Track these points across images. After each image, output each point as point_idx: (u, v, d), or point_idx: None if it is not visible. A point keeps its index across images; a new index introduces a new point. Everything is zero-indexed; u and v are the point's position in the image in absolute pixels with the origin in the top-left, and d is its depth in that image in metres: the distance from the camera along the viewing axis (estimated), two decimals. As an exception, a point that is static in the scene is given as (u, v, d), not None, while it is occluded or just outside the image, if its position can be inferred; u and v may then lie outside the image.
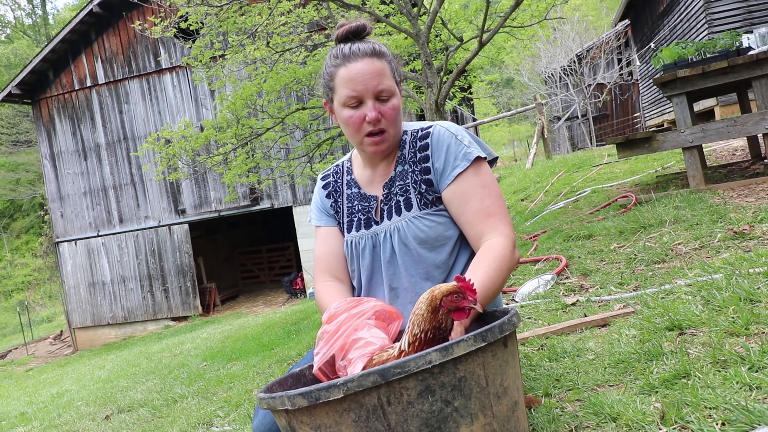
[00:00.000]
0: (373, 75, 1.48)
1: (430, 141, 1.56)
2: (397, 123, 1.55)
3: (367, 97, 1.49)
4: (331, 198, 1.70)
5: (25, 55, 31.98)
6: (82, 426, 3.83)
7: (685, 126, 4.02)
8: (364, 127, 1.50)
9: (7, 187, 28.46)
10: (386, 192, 1.60)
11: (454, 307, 1.17)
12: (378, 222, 1.60)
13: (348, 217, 1.66)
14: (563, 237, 3.77)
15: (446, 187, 1.52)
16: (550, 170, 8.91)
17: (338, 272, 1.68)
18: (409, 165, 1.58)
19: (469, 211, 1.50)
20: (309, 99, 7.35)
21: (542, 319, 2.37)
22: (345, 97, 1.49)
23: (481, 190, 1.50)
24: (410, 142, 1.60)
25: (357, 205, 1.65)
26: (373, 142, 1.52)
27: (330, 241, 1.69)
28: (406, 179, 1.57)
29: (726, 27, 9.17)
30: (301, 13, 6.85)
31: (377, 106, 1.49)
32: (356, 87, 1.48)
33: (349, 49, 1.51)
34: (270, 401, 1.12)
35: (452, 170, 1.51)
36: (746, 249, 2.39)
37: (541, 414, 1.47)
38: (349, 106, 1.50)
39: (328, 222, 1.70)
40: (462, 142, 1.54)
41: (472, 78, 12.79)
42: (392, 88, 1.52)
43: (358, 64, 1.48)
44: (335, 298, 1.57)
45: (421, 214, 1.54)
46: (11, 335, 21.44)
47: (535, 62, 22.70)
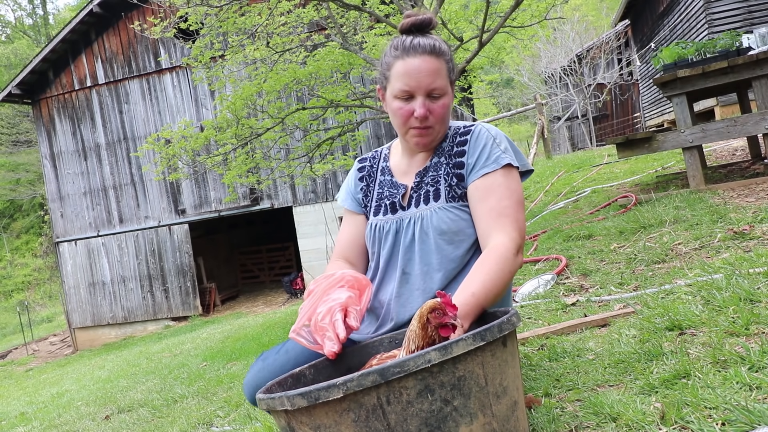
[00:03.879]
0: (429, 73, 1.51)
1: (470, 138, 1.59)
2: (445, 121, 1.58)
3: (418, 93, 1.52)
4: (364, 182, 1.74)
5: (25, 55, 31.99)
6: (82, 426, 3.83)
7: (685, 126, 4.02)
8: (411, 120, 1.54)
9: (7, 187, 28.46)
10: (418, 180, 1.63)
11: (438, 324, 1.18)
12: (405, 208, 1.63)
13: (377, 202, 1.70)
14: (563, 237, 3.76)
15: (472, 183, 1.55)
16: (550, 170, 8.91)
17: (351, 256, 1.72)
18: (445, 157, 1.61)
19: (485, 208, 1.52)
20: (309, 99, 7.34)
21: (542, 319, 2.37)
22: (398, 90, 1.53)
23: (503, 191, 1.52)
24: (451, 137, 1.64)
25: (386, 191, 1.68)
26: (417, 134, 1.56)
27: (350, 228, 1.74)
28: (439, 170, 1.60)
29: (726, 27, 9.17)
30: (301, 13, 6.84)
31: (427, 103, 1.52)
32: (410, 82, 1.51)
33: (410, 43, 1.53)
34: (269, 402, 1.11)
35: (482, 168, 1.54)
36: (746, 249, 2.39)
37: (541, 414, 1.47)
38: (401, 99, 1.53)
39: (353, 206, 1.74)
40: (499, 146, 1.57)
41: (472, 78, 12.79)
42: (445, 87, 1.54)
43: (416, 60, 1.51)
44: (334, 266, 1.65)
45: (446, 206, 1.56)
46: (11, 335, 21.44)
47: (535, 62, 22.69)
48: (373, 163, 1.77)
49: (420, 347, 1.18)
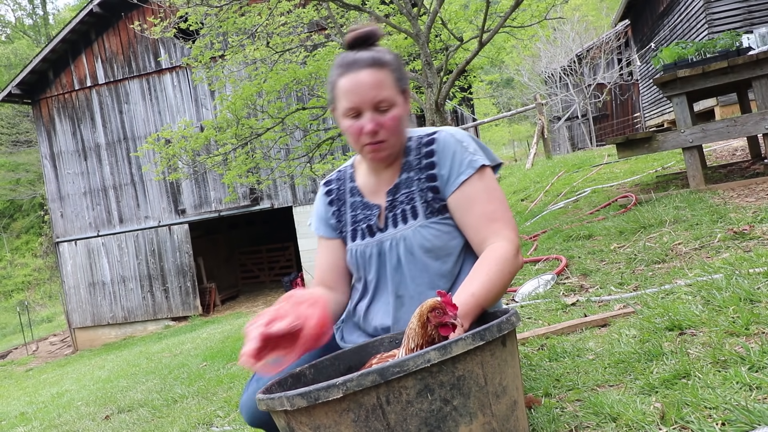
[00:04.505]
0: (372, 86, 1.46)
1: (436, 147, 1.54)
2: (398, 132, 1.52)
3: (365, 108, 1.46)
4: (334, 206, 1.68)
5: (25, 55, 31.99)
6: (82, 426, 3.83)
7: (685, 126, 4.02)
8: (362, 137, 1.48)
9: (7, 187, 28.47)
10: (390, 199, 1.58)
11: (438, 323, 1.18)
12: (382, 229, 1.58)
13: (352, 226, 1.64)
14: (563, 237, 3.76)
15: (451, 194, 1.51)
16: (550, 170, 8.91)
17: (331, 282, 1.67)
18: (415, 172, 1.56)
19: (473, 216, 1.49)
20: (309, 99, 7.35)
21: (542, 319, 2.37)
22: (345, 108, 1.48)
23: (485, 195, 1.49)
24: (415, 149, 1.58)
25: (360, 213, 1.63)
26: (371, 150, 1.51)
27: (327, 253, 1.68)
28: (412, 187, 1.56)
29: (726, 27, 9.17)
30: (301, 13, 6.85)
31: (375, 117, 1.47)
32: (354, 99, 1.46)
33: (351, 58, 1.48)
34: (269, 402, 1.11)
35: (457, 177, 1.50)
36: (746, 249, 2.39)
37: (541, 414, 1.47)
38: (349, 117, 1.49)
39: (327, 232, 1.68)
40: (467, 149, 1.53)
41: (472, 78, 12.80)
42: (392, 98, 1.48)
43: (357, 75, 1.46)
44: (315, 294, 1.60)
45: (427, 223, 1.52)
46: (11, 335, 21.45)
47: (535, 62, 22.70)
48: (340, 184, 1.70)
49: (420, 346, 1.18)
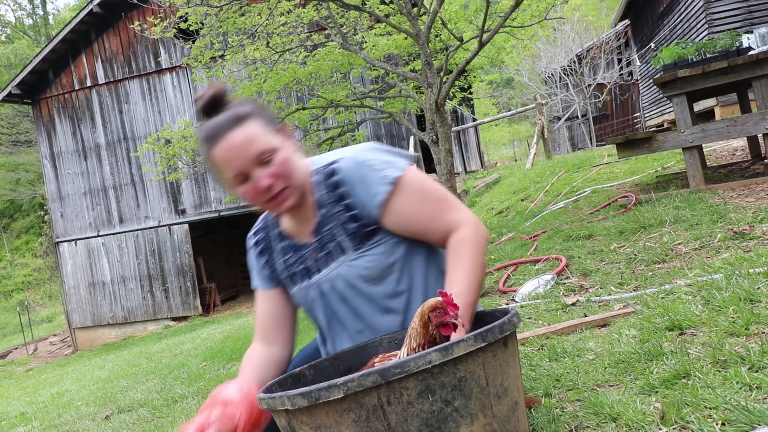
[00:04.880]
0: (244, 144, 1.39)
1: (341, 178, 1.45)
2: (295, 173, 1.44)
3: (250, 169, 1.39)
4: (265, 255, 1.62)
5: (25, 55, 31.99)
6: (82, 426, 3.83)
7: (685, 126, 4.02)
8: (261, 196, 1.42)
9: (7, 187, 28.47)
10: (317, 238, 1.51)
11: (440, 322, 1.18)
12: (318, 270, 1.53)
13: (287, 272, 1.58)
14: (563, 237, 3.76)
15: (381, 217, 1.44)
16: (550, 170, 8.91)
17: (270, 333, 1.61)
18: (329, 207, 1.48)
19: (419, 224, 1.44)
20: (309, 99, 7.35)
21: (542, 319, 2.37)
22: (231, 179, 1.42)
23: (416, 199, 1.43)
24: (322, 183, 1.49)
25: (292, 257, 1.57)
26: (276, 204, 1.44)
27: (265, 303, 1.62)
28: (331, 222, 1.49)
29: (726, 27, 9.17)
30: (301, 13, 6.85)
31: (264, 171, 1.40)
32: (235, 164, 1.39)
33: (212, 129, 1.42)
34: (270, 401, 1.12)
35: (375, 199, 1.42)
36: (746, 249, 2.39)
37: (541, 414, 1.47)
38: (239, 183, 1.42)
39: (263, 284, 1.62)
40: (374, 167, 1.44)
41: (472, 78, 12.80)
42: (269, 145, 1.41)
43: (226, 141, 1.39)
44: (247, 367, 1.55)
45: (357, 255, 1.47)
46: (11, 335, 21.45)
47: (535, 62, 22.69)
48: (267, 232, 1.63)
49: (421, 345, 1.18)
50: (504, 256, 4.00)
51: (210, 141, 1.42)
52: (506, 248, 4.24)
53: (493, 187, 11.20)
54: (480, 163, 20.62)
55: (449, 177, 5.00)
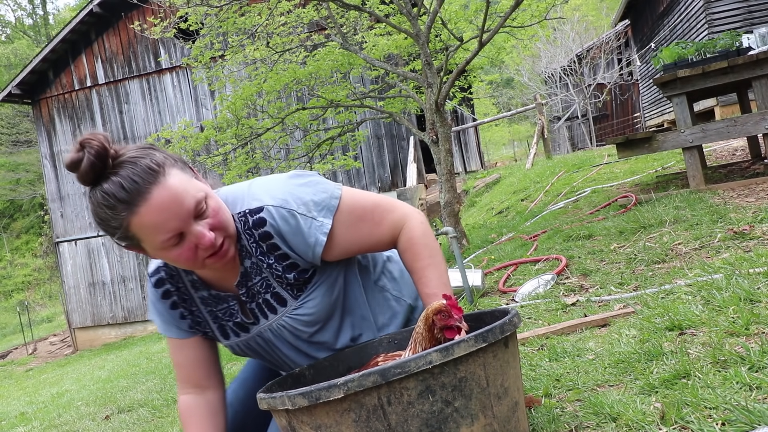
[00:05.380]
0: (176, 200, 1.17)
1: (273, 231, 1.30)
2: (229, 221, 1.27)
3: (186, 226, 1.19)
4: (180, 307, 1.42)
5: (25, 55, 31.99)
6: (82, 426, 3.83)
7: (685, 126, 4.02)
8: (200, 254, 1.22)
9: (7, 187, 28.47)
10: (244, 291, 1.37)
11: (444, 326, 1.18)
12: (254, 322, 1.40)
13: (216, 323, 1.43)
14: (563, 237, 3.76)
15: (323, 257, 1.34)
16: (550, 170, 8.91)
17: (201, 379, 1.45)
18: (258, 258, 1.33)
19: (364, 242, 1.38)
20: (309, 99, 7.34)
21: (542, 319, 2.37)
22: (162, 243, 1.19)
23: (354, 222, 1.36)
24: (245, 231, 1.31)
25: (218, 309, 1.41)
26: (218, 258, 1.25)
27: (188, 351, 1.45)
28: (263, 273, 1.35)
29: (726, 27, 9.17)
30: (301, 13, 6.84)
31: (203, 225, 1.21)
32: (169, 225, 1.17)
33: (123, 191, 1.14)
34: (270, 401, 1.12)
35: (315, 247, 1.31)
36: (746, 249, 2.40)
37: (541, 414, 1.47)
38: (173, 245, 1.20)
39: (180, 334, 1.44)
40: (307, 215, 1.31)
41: (472, 78, 12.79)
42: (198, 192, 1.21)
43: (151, 204, 1.15)
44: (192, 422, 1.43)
45: (299, 303, 1.37)
46: (11, 335, 21.45)
47: (535, 62, 22.70)
48: (176, 280, 1.40)
49: (425, 349, 1.18)
50: (504, 256, 4.00)
51: (126, 204, 1.14)
52: (506, 248, 4.24)
53: (493, 187, 11.20)
54: (480, 163, 20.63)
55: (449, 177, 5.00)
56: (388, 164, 12.72)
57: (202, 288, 1.40)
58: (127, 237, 1.20)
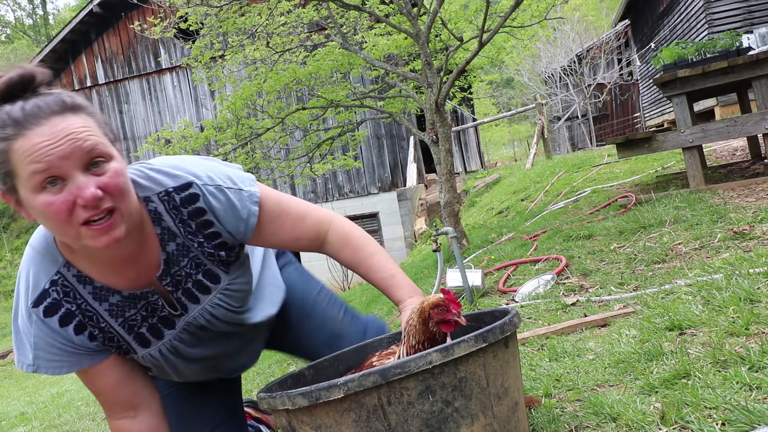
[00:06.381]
0: (74, 137, 1.04)
1: (205, 206, 1.23)
2: (129, 193, 1.12)
3: (71, 170, 1.03)
4: (87, 329, 1.22)
5: (25, 55, 31.99)
6: (82, 426, 3.83)
7: (685, 126, 4.02)
8: (77, 214, 1.04)
9: (7, 187, 28.49)
10: (168, 279, 1.25)
11: (440, 320, 1.18)
12: (182, 313, 1.30)
13: (130, 333, 1.27)
14: (563, 237, 3.76)
15: (251, 240, 1.32)
16: (550, 170, 8.91)
17: (132, 398, 1.32)
18: (186, 238, 1.24)
19: (285, 233, 1.35)
20: (309, 99, 7.34)
21: (542, 319, 2.37)
22: (36, 180, 1.02)
23: (279, 211, 1.33)
24: (169, 211, 1.22)
25: (134, 314, 1.25)
26: (100, 231, 1.06)
27: (107, 375, 1.29)
28: (191, 253, 1.25)
29: (726, 27, 9.17)
30: (301, 13, 6.85)
31: (92, 179, 1.05)
32: (49, 159, 1.01)
33: (23, 111, 1.03)
34: (270, 401, 1.12)
35: (247, 222, 1.27)
36: (746, 249, 2.40)
37: (541, 414, 1.47)
38: (43, 190, 1.03)
39: (94, 360, 1.26)
40: (239, 187, 1.27)
41: (472, 78, 12.80)
42: (108, 147, 1.09)
43: (44, 128, 1.02)
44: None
45: (232, 277, 1.32)
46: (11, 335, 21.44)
47: (535, 62, 22.70)
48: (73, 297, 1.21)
49: (421, 342, 1.18)
50: (504, 256, 4.00)
51: (16, 126, 1.02)
52: (506, 248, 4.24)
53: (493, 187, 11.20)
54: (480, 163, 20.64)
55: (449, 177, 5.00)
56: (388, 164, 12.72)
57: (110, 295, 1.22)
58: (5, 170, 1.04)
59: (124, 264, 1.20)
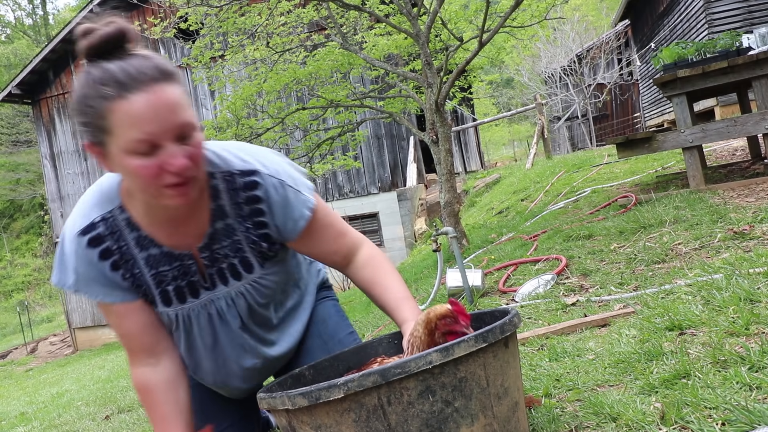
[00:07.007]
0: (173, 107, 1.09)
1: (263, 195, 1.29)
2: (203, 164, 1.21)
3: (165, 140, 1.09)
4: (121, 268, 1.28)
5: (25, 55, 31.99)
6: (82, 426, 3.83)
7: (685, 126, 4.02)
8: (164, 177, 1.11)
9: (7, 187, 28.48)
10: (207, 253, 1.31)
11: (447, 331, 1.18)
12: (209, 287, 1.34)
13: (159, 288, 1.32)
14: (563, 237, 3.76)
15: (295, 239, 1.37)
16: (550, 170, 8.91)
17: (155, 345, 1.37)
18: (236, 220, 1.30)
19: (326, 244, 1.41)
20: (309, 99, 7.35)
21: (542, 319, 2.37)
22: (134, 142, 1.08)
23: (326, 222, 1.40)
24: (230, 191, 1.28)
25: (168, 270, 1.30)
26: (177, 193, 1.14)
27: (135, 316, 1.34)
28: (235, 236, 1.31)
29: (726, 27, 9.17)
30: (301, 13, 6.85)
31: (181, 149, 1.11)
32: (150, 128, 1.07)
33: (124, 72, 1.07)
34: (270, 401, 1.12)
35: (296, 223, 1.33)
36: (746, 249, 2.40)
37: (541, 414, 1.47)
38: (138, 153, 1.09)
39: (126, 297, 1.32)
40: (297, 189, 1.33)
41: (472, 78, 12.80)
42: (194, 119, 1.14)
43: (150, 95, 1.07)
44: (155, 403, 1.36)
45: (264, 272, 1.37)
46: (11, 335, 21.45)
47: (535, 62, 22.70)
48: (117, 236, 1.27)
49: None
50: (504, 256, 4.00)
51: (119, 87, 1.06)
52: (506, 248, 4.24)
53: (493, 187, 11.20)
54: (480, 163, 20.64)
55: (449, 177, 5.00)
56: (388, 164, 12.72)
57: (151, 246, 1.27)
58: (98, 125, 1.09)
59: (174, 223, 1.27)
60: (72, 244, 1.27)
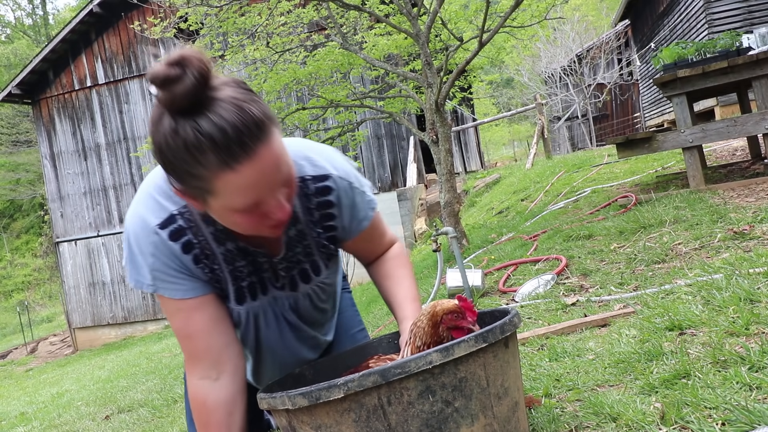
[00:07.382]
0: (276, 167, 1.02)
1: (334, 199, 1.27)
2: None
3: (270, 197, 1.05)
4: (201, 263, 1.22)
5: (25, 55, 31.99)
6: (82, 426, 3.83)
7: (685, 126, 4.02)
8: (266, 223, 1.09)
9: (7, 187, 28.48)
10: (283, 264, 1.30)
11: (453, 326, 1.18)
12: (280, 287, 1.33)
13: (234, 284, 1.27)
14: (563, 237, 3.76)
15: (353, 238, 1.38)
16: (550, 170, 8.91)
17: (221, 351, 1.27)
18: (308, 224, 1.28)
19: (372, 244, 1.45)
20: (309, 99, 7.35)
21: (542, 319, 2.37)
22: (241, 206, 1.03)
23: (377, 222, 1.42)
24: (304, 197, 1.25)
25: (243, 266, 1.26)
26: (279, 229, 1.14)
27: (208, 311, 1.26)
28: (306, 240, 1.30)
29: (726, 27, 9.17)
30: (301, 13, 6.85)
31: (282, 195, 1.07)
32: (258, 193, 1.02)
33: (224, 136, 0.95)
34: (270, 401, 1.12)
35: (360, 224, 1.35)
36: (746, 249, 2.40)
37: (541, 414, 1.47)
38: (246, 213, 1.05)
39: (204, 290, 1.25)
40: (363, 190, 1.33)
41: (472, 78, 12.80)
42: (291, 164, 1.09)
43: (253, 164, 0.98)
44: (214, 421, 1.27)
45: (328, 272, 1.40)
46: (11, 335, 21.45)
47: (535, 62, 22.70)
48: (196, 233, 1.20)
49: (427, 345, 1.18)
50: (504, 256, 4.00)
51: (222, 158, 0.96)
52: (506, 248, 4.24)
53: (493, 187, 11.20)
54: (480, 163, 20.64)
55: (449, 177, 5.00)
56: (388, 164, 12.72)
57: (228, 240, 1.21)
58: (199, 186, 1.01)
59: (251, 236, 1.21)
60: (149, 240, 1.18)
